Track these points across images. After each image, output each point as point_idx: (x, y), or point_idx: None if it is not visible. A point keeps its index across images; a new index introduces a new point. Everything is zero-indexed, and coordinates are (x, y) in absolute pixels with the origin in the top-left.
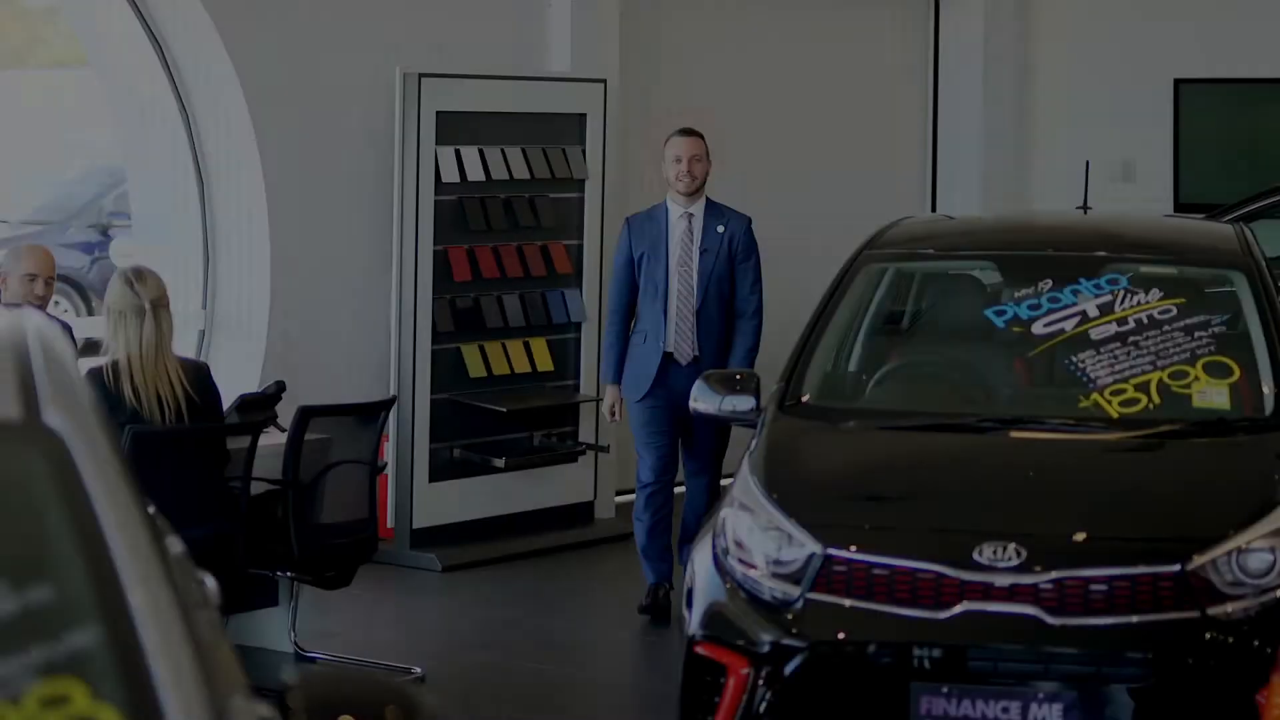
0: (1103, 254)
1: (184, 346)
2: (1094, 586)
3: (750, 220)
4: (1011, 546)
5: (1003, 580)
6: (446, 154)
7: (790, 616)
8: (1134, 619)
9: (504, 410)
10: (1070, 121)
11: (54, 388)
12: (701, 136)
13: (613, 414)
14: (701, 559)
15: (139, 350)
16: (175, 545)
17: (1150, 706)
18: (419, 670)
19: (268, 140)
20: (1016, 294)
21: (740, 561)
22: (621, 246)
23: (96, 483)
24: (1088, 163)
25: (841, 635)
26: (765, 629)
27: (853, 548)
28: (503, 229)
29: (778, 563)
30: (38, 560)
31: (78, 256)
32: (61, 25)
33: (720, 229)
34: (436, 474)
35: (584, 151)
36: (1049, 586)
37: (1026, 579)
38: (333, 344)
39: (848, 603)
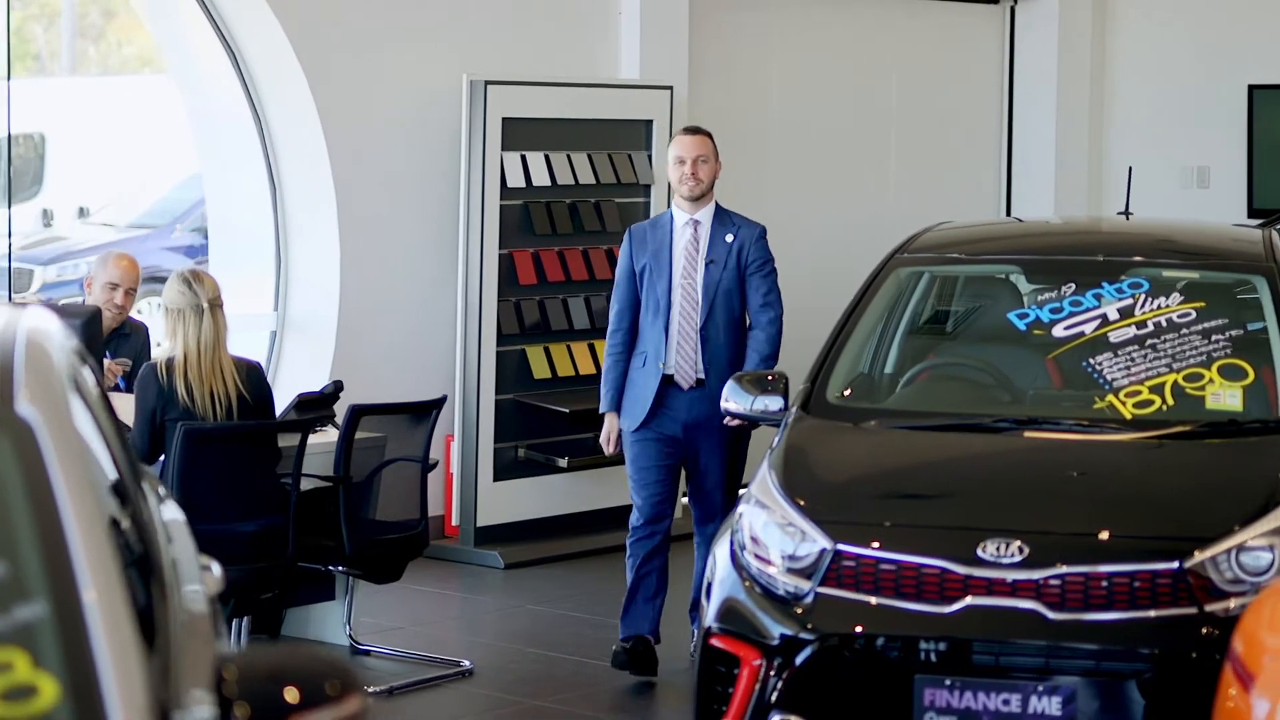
0: (1125, 258)
1: (257, 347)
2: (1094, 583)
3: (764, 230)
4: (1015, 543)
5: (1006, 576)
6: (512, 159)
7: (800, 610)
8: (1133, 615)
9: (567, 411)
10: (1145, 127)
11: (31, 380)
12: (709, 135)
13: (608, 442)
14: (720, 554)
15: (196, 348)
16: (183, 543)
17: (1147, 700)
18: (468, 663)
19: (337, 145)
20: (1039, 297)
21: (756, 557)
22: (622, 258)
23: (60, 469)
24: (1130, 169)
25: (849, 629)
26: (776, 622)
27: (861, 544)
28: (568, 233)
29: (792, 558)
30: None
31: (181, 260)
32: None
33: (729, 238)
34: (500, 473)
35: (650, 157)
36: (1051, 582)
37: (1029, 575)
38: (399, 345)
39: (856, 597)
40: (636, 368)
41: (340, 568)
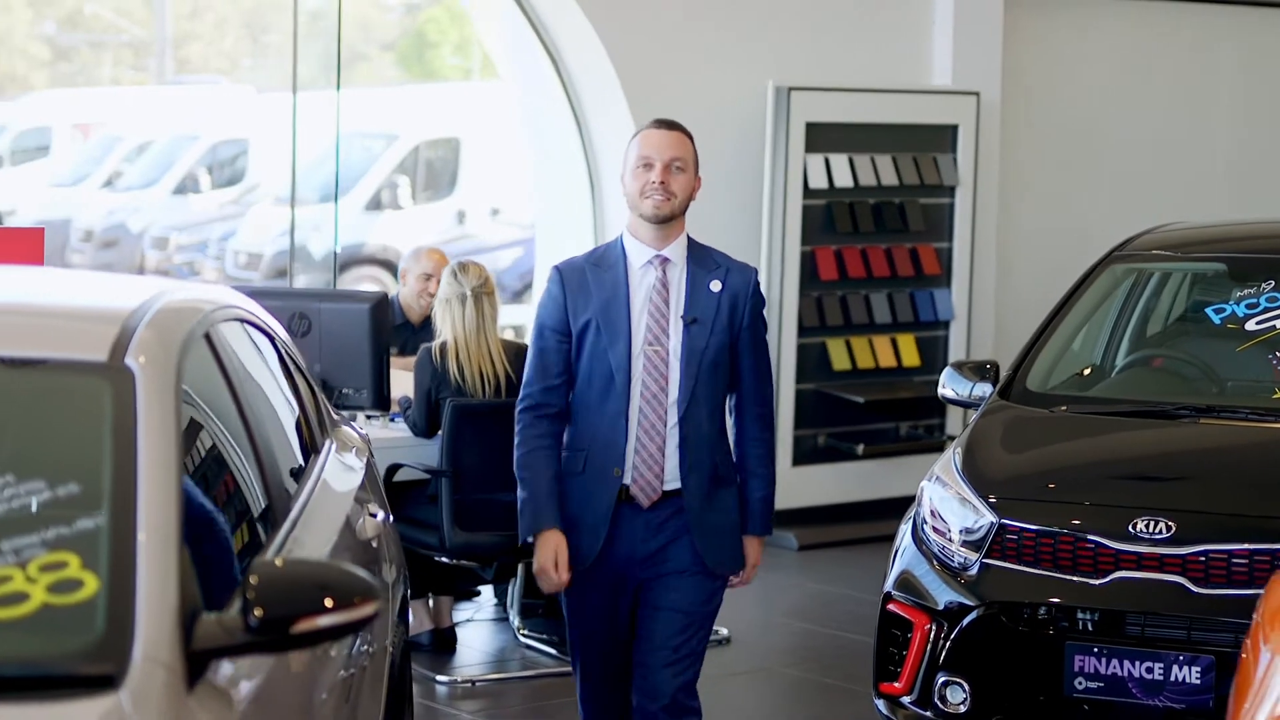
0: None
1: None
2: (1236, 560)
3: (756, 273)
4: (1164, 521)
5: (1154, 551)
6: (815, 161)
7: (965, 580)
8: None
9: (861, 401)
10: None
11: (148, 339)
12: (689, 136)
13: (554, 569)
14: (904, 527)
15: (462, 332)
16: (334, 497)
17: None
18: (725, 631)
19: None
20: (1237, 294)
21: (934, 530)
22: (546, 309)
23: (146, 413)
24: None
25: (1008, 597)
26: (945, 590)
27: (1023, 518)
28: (869, 231)
29: (967, 531)
30: (74, 464)
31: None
32: None
33: (715, 286)
34: (799, 459)
35: (955, 160)
36: (1195, 558)
37: (1175, 551)
38: None
39: (1016, 568)
40: (572, 472)
41: None
